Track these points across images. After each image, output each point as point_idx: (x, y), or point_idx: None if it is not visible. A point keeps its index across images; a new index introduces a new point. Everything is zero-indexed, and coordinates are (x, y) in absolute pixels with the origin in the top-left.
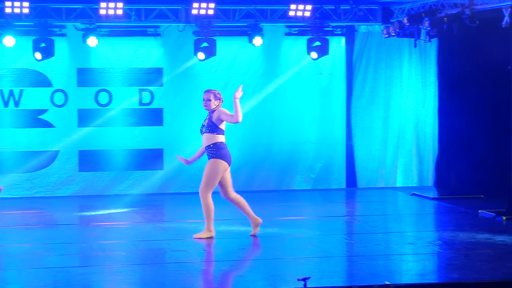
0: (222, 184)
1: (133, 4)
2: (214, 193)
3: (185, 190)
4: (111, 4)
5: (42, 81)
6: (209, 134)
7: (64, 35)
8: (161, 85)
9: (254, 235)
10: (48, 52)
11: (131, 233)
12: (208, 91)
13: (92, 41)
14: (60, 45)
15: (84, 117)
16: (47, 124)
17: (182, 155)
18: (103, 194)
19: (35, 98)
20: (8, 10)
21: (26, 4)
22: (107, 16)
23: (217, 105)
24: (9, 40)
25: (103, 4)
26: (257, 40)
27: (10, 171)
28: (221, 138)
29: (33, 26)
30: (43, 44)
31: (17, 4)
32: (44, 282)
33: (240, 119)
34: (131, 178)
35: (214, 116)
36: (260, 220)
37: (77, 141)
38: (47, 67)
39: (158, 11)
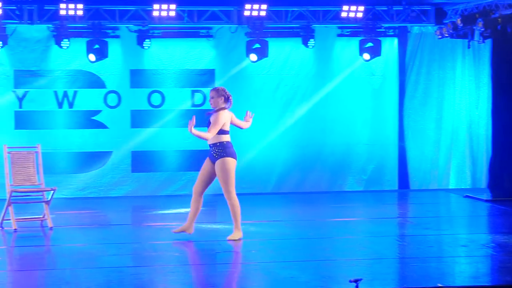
0: (203, 178)
1: (186, 5)
2: (239, 194)
3: (236, 191)
4: (164, 6)
5: (95, 82)
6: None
7: (117, 36)
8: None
9: (175, 232)
10: (101, 54)
11: (183, 234)
12: (212, 89)
13: (146, 44)
14: (114, 47)
15: (137, 118)
16: (101, 125)
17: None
18: (155, 195)
19: (88, 99)
20: (62, 13)
21: (80, 6)
22: (160, 17)
23: (221, 102)
24: (65, 43)
25: (156, 6)
26: (310, 42)
27: (64, 171)
28: (226, 138)
29: (87, 28)
30: (96, 46)
31: (71, 6)
32: (97, 281)
33: (208, 138)
34: (183, 179)
35: (212, 118)
36: (192, 231)
37: (130, 142)
38: (100, 69)
39: (210, 12)
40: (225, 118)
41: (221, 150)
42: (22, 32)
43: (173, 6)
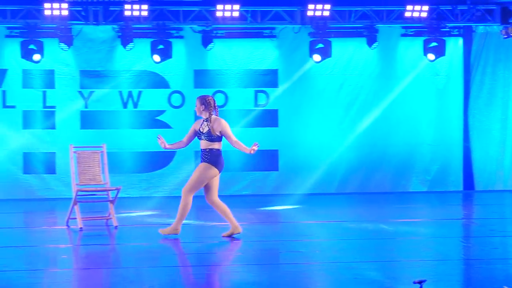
0: (208, 188)
1: (249, 6)
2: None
3: (299, 191)
4: (228, 6)
5: (159, 82)
6: (207, 142)
7: (181, 37)
8: (276, 87)
9: (226, 236)
10: (166, 54)
11: (247, 233)
12: (197, 98)
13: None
14: (178, 47)
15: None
16: (164, 125)
17: (297, 157)
18: (218, 194)
19: (153, 99)
20: (127, 13)
21: (145, 7)
22: (223, 18)
23: (204, 110)
24: (129, 46)
25: (219, 6)
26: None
27: (128, 171)
28: (217, 145)
29: (151, 28)
30: (161, 46)
31: (136, 7)
32: (160, 280)
33: (238, 143)
34: (246, 179)
35: (215, 128)
36: (240, 230)
37: (193, 142)
38: (164, 69)
39: (273, 12)
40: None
41: (208, 156)
42: (87, 33)
43: (236, 7)
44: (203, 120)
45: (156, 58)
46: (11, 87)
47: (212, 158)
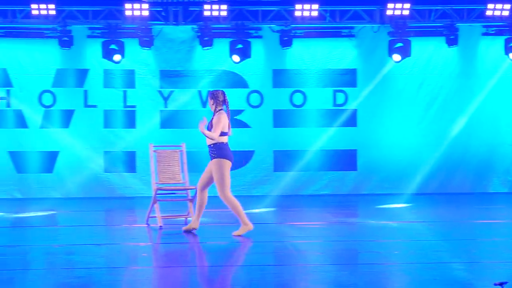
0: (206, 176)
1: (328, 5)
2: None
3: (378, 191)
4: (307, 6)
5: (238, 82)
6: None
7: (260, 37)
8: (355, 86)
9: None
10: (245, 54)
11: (325, 233)
12: (208, 92)
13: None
14: (256, 47)
15: (279, 118)
16: (243, 124)
17: (375, 157)
18: (296, 194)
19: (231, 99)
20: (206, 13)
21: (224, 7)
22: (302, 17)
23: (213, 104)
24: (207, 48)
25: (298, 6)
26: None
27: None
28: (223, 139)
29: (230, 28)
30: (239, 46)
31: (215, 7)
32: (239, 279)
33: (215, 137)
34: (324, 179)
35: (214, 119)
36: (197, 226)
37: (272, 141)
38: (243, 69)
39: (352, 12)
40: (226, 119)
41: (216, 151)
42: (167, 33)
43: (315, 6)
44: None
45: (236, 58)
46: (93, 87)
47: (219, 152)
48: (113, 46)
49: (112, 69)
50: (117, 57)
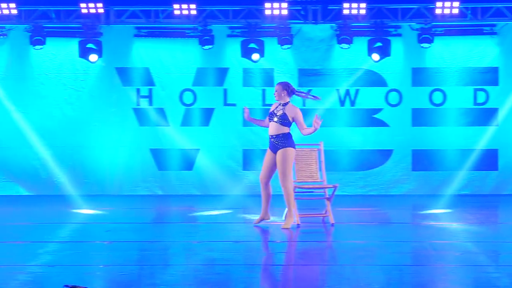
0: (268, 168)
1: (470, 2)
2: None
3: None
4: (447, 4)
5: (377, 81)
6: (279, 125)
7: (399, 35)
8: (497, 85)
9: (256, 223)
10: (384, 53)
11: (464, 234)
12: (278, 83)
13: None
14: (395, 45)
15: (417, 117)
16: (382, 123)
17: None
18: (435, 194)
19: (370, 97)
20: (346, 12)
21: (363, 5)
22: (442, 15)
23: (285, 95)
24: (344, 46)
25: (439, 4)
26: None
27: (345, 169)
28: (287, 129)
29: (369, 27)
30: (378, 44)
31: (354, 5)
32: (377, 279)
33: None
34: (464, 179)
35: (289, 113)
36: (269, 217)
37: (410, 140)
38: (382, 67)
39: (494, 9)
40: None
41: (285, 141)
42: (306, 32)
43: (456, 4)
44: (279, 104)
45: (375, 56)
46: (232, 86)
47: (288, 141)
48: (252, 45)
49: (251, 68)
50: (255, 56)
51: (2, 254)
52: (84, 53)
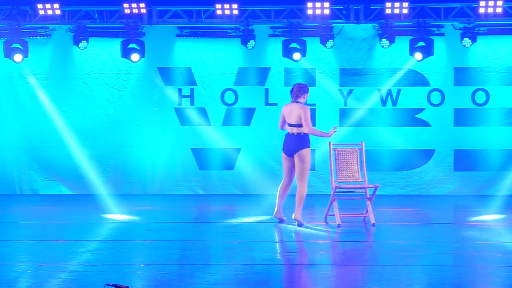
0: (291, 173)
1: None
2: None
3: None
4: (491, 3)
5: (419, 80)
6: (297, 127)
7: (442, 34)
8: None
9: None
10: (427, 52)
11: (506, 235)
12: (297, 84)
13: (467, 42)
14: (438, 45)
15: (460, 116)
16: (424, 123)
17: None
18: (477, 194)
19: (412, 97)
20: (388, 11)
21: (405, 4)
22: (486, 14)
23: (304, 98)
24: (384, 43)
25: (482, 3)
26: None
27: (386, 169)
28: (303, 129)
29: (411, 26)
30: (420, 44)
31: (396, 5)
32: (418, 279)
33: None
34: (507, 179)
35: (301, 111)
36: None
37: (452, 140)
38: (424, 67)
39: None
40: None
41: (306, 141)
42: (348, 32)
43: (499, 3)
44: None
45: (418, 56)
46: (274, 85)
47: (307, 141)
48: (293, 45)
49: (292, 67)
50: (296, 56)
51: (44, 253)
52: (126, 53)
